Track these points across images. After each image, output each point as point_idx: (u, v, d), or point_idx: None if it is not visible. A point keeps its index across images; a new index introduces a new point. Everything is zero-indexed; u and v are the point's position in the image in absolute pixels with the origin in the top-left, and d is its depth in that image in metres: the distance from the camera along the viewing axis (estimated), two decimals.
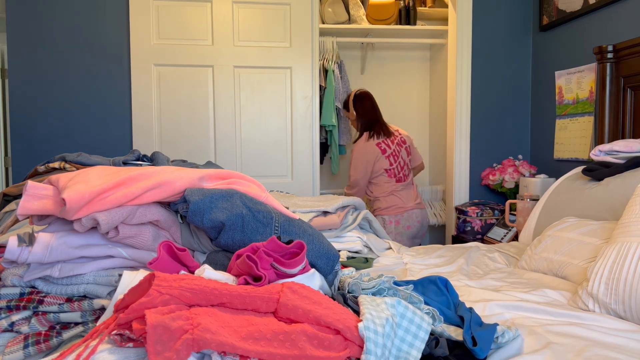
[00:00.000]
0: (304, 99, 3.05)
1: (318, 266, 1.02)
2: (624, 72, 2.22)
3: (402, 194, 2.89)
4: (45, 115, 2.85)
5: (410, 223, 2.88)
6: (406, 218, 2.87)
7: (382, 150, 2.85)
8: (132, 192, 0.98)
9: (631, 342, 1.05)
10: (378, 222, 2.80)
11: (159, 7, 2.89)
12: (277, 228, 1.07)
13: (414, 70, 3.94)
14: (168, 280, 0.73)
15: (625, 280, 1.22)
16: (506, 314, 1.22)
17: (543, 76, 3.02)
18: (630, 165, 1.78)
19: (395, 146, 2.90)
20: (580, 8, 2.60)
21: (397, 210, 2.87)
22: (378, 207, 2.91)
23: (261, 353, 0.66)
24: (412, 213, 2.89)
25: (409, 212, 2.88)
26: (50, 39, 2.83)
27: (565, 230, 1.69)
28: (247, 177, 1.22)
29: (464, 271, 1.71)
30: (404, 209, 2.87)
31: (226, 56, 2.96)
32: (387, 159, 2.86)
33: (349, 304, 0.92)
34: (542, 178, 2.60)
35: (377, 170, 2.86)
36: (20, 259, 0.90)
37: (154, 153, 1.58)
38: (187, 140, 2.97)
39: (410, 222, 2.88)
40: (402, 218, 2.86)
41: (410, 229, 2.88)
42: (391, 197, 2.88)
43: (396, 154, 2.89)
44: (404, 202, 2.88)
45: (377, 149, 2.85)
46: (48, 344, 0.88)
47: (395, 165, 2.88)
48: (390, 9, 3.40)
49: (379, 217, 2.89)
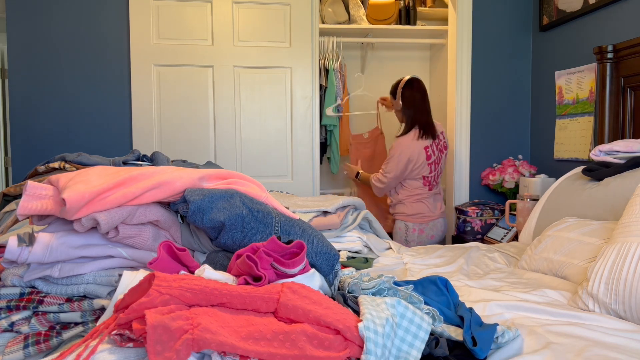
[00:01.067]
0: (304, 99, 3.05)
1: (318, 266, 1.02)
2: (623, 72, 2.22)
3: (430, 201, 2.71)
4: (45, 115, 2.85)
5: (434, 232, 2.73)
6: (431, 227, 2.71)
7: (428, 155, 2.63)
8: (132, 192, 0.98)
9: (631, 342, 1.05)
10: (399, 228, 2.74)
11: (159, 7, 2.89)
12: (277, 228, 1.07)
13: (414, 70, 3.94)
14: (168, 280, 0.73)
15: (625, 280, 1.22)
16: (506, 314, 1.22)
17: (543, 76, 3.02)
18: (630, 165, 1.78)
19: (438, 152, 2.69)
20: (580, 8, 2.60)
21: (423, 219, 2.70)
22: (402, 212, 2.72)
23: (261, 353, 0.66)
24: (438, 222, 2.74)
25: (434, 221, 2.72)
26: (50, 39, 2.83)
27: (565, 230, 1.69)
28: (247, 177, 1.22)
29: (464, 271, 1.71)
30: (430, 217, 2.71)
31: (226, 56, 2.96)
32: (429, 166, 2.65)
33: (349, 304, 0.92)
34: (542, 178, 2.60)
35: (415, 174, 2.65)
36: (20, 259, 0.90)
37: (154, 153, 1.58)
38: (187, 140, 2.97)
39: (435, 232, 2.73)
40: (427, 227, 2.70)
41: (434, 238, 2.73)
42: (419, 204, 2.69)
43: (438, 161, 2.69)
44: (431, 210, 2.71)
45: (424, 152, 2.62)
46: (48, 344, 0.88)
47: (434, 173, 2.69)
48: (390, 9, 3.40)
49: (401, 222, 2.73)
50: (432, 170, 2.67)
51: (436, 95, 3.83)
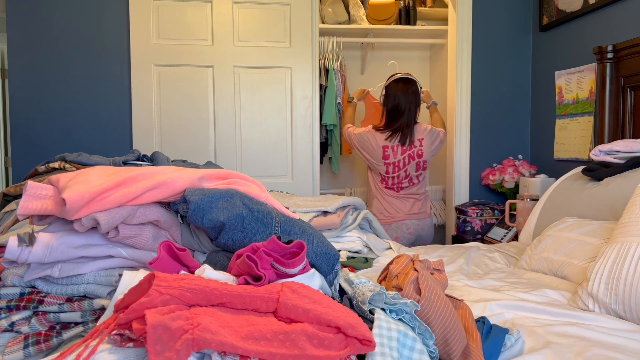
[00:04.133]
0: (304, 99, 3.05)
1: (318, 266, 1.02)
2: (623, 72, 2.22)
3: (395, 202, 2.67)
4: (45, 115, 2.85)
5: (398, 234, 2.65)
6: (394, 229, 2.65)
7: (385, 155, 2.59)
8: (132, 192, 0.98)
9: (631, 342, 1.05)
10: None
11: (159, 7, 2.89)
12: (277, 228, 1.07)
13: (414, 70, 3.94)
14: (168, 280, 0.73)
15: (625, 280, 1.22)
16: (506, 314, 1.22)
17: (543, 76, 3.02)
18: (630, 165, 1.78)
19: (405, 157, 2.60)
20: (580, 8, 2.60)
21: (387, 219, 2.66)
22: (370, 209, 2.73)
23: (261, 353, 0.66)
24: (403, 224, 2.65)
25: (398, 222, 2.65)
26: (50, 39, 2.83)
27: (565, 230, 1.69)
28: (247, 177, 1.22)
29: (464, 271, 1.71)
30: (394, 218, 2.65)
31: (226, 56, 2.96)
32: (386, 165, 2.61)
33: (354, 309, 0.92)
34: (542, 178, 2.60)
35: (374, 170, 2.68)
36: (20, 259, 0.90)
37: (154, 153, 1.59)
38: (187, 140, 2.97)
39: (399, 234, 2.65)
40: (390, 228, 2.64)
41: (399, 240, 2.65)
42: (382, 203, 2.67)
43: (400, 165, 2.60)
44: (395, 211, 2.65)
45: (381, 150, 2.59)
46: (48, 344, 0.88)
47: (395, 175, 2.63)
48: (390, 9, 3.40)
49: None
50: (389, 171, 2.61)
51: (436, 95, 3.83)
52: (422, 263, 1.05)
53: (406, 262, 1.07)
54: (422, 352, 0.81)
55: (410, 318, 0.86)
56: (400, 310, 0.86)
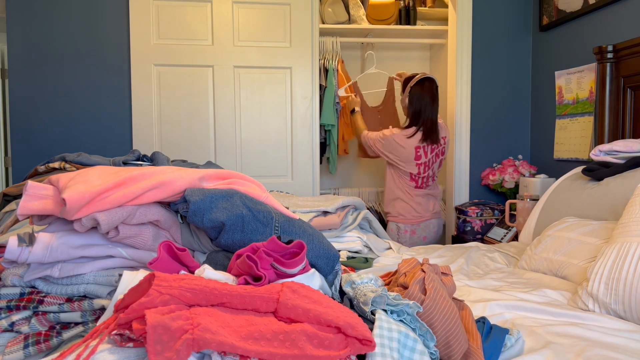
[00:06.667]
0: (303, 98, 3.05)
1: (318, 266, 1.02)
2: (623, 72, 2.22)
3: (422, 201, 2.69)
4: (45, 115, 2.85)
5: (426, 233, 2.71)
6: (423, 228, 2.69)
7: (418, 156, 2.61)
8: (132, 192, 0.98)
9: (631, 342, 1.05)
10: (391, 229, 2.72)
11: (159, 7, 2.89)
12: (277, 228, 1.07)
13: (413, 70, 3.92)
14: (168, 280, 0.73)
15: (625, 280, 1.22)
16: (506, 314, 1.22)
17: (543, 76, 3.02)
18: (630, 165, 1.78)
19: (433, 156, 2.66)
20: (580, 8, 2.60)
21: (414, 219, 2.68)
22: (393, 212, 2.73)
23: (261, 353, 0.66)
24: (430, 223, 2.71)
25: (426, 222, 2.70)
26: (50, 39, 2.83)
27: (565, 230, 1.69)
28: (247, 177, 1.22)
29: (464, 271, 1.71)
30: (422, 218, 2.69)
31: (226, 56, 2.96)
32: (418, 166, 2.64)
33: (355, 309, 0.92)
34: (542, 178, 2.60)
35: (402, 171, 2.67)
36: (20, 259, 0.90)
37: (154, 153, 1.58)
38: (187, 140, 2.97)
39: (427, 233, 2.71)
40: (419, 228, 2.68)
41: (427, 239, 2.71)
42: (410, 203, 2.68)
43: (429, 164, 2.66)
44: (423, 211, 2.69)
45: (414, 152, 2.60)
46: (48, 344, 0.88)
47: (425, 175, 2.68)
48: (390, 9, 3.40)
49: (393, 223, 2.73)
50: (421, 171, 2.65)
51: None
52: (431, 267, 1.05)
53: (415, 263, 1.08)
54: (423, 353, 0.81)
55: (411, 319, 0.86)
56: (402, 311, 0.86)
